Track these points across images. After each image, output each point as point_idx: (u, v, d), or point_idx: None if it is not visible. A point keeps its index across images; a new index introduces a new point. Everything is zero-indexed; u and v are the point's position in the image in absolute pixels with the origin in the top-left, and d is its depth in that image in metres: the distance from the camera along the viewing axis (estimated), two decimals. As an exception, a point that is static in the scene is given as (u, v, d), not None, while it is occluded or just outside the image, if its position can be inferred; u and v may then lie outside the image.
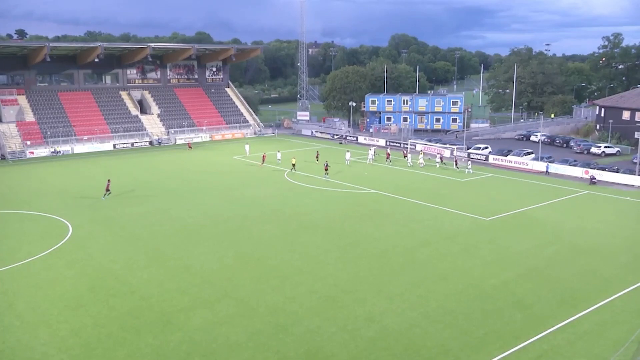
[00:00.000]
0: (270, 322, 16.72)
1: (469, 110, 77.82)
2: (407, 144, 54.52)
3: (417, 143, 52.13)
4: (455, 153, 46.62)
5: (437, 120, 71.05)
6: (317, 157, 47.87)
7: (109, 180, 34.67)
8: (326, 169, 40.83)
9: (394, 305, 17.98)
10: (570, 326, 16.34)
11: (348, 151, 46.95)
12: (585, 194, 34.39)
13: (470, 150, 51.17)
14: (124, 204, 32.16)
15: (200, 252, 23.20)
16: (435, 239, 25.07)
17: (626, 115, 56.00)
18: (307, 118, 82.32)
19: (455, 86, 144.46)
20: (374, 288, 19.48)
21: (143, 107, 68.35)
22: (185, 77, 74.44)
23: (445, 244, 24.35)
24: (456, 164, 43.87)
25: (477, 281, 20.19)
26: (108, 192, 33.40)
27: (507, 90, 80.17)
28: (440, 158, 44.51)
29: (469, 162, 42.56)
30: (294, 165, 40.60)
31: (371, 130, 69.73)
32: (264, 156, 45.54)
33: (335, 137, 66.63)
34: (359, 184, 37.72)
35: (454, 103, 70.49)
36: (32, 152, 52.23)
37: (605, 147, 50.98)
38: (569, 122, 68.02)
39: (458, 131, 66.90)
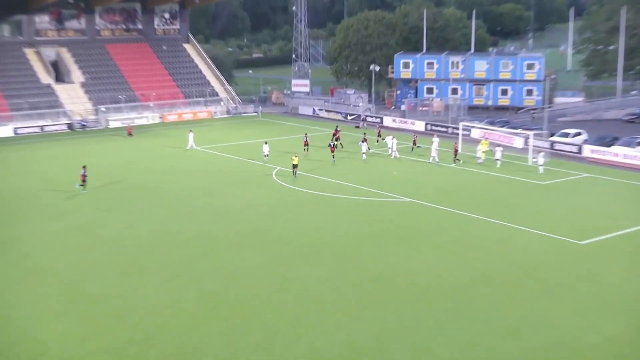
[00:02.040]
0: (250, 399, 16.73)
1: (553, 77, 77.69)
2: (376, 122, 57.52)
3: (473, 127, 52.06)
4: (433, 141, 45.94)
5: (504, 92, 71.17)
6: (336, 137, 49.27)
7: (84, 168, 36.74)
8: (332, 150, 45.12)
9: (440, 375, 18.01)
10: None
11: (364, 141, 46.91)
12: None
13: (554, 138, 50.85)
14: (30, 219, 32.23)
15: (145, 292, 23.18)
16: (502, 272, 24.98)
17: None
18: (307, 89, 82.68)
19: (531, 41, 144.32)
20: (406, 347, 19.36)
21: (59, 73, 68.79)
22: (123, 27, 74.92)
23: (517, 280, 24.25)
24: (455, 154, 44.21)
25: (567, 337, 19.96)
26: (84, 183, 36.40)
27: (612, 47, 79.61)
28: (455, 152, 44.56)
29: (541, 153, 42.49)
30: (295, 166, 40.57)
31: (403, 107, 69.99)
32: (306, 141, 47.33)
33: (349, 117, 66.88)
34: (385, 188, 37.83)
35: (530, 67, 70.53)
36: None
37: None
38: None
39: (535, 109, 66.88)
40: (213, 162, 46.36)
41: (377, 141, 50.99)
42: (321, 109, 70.52)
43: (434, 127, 58.48)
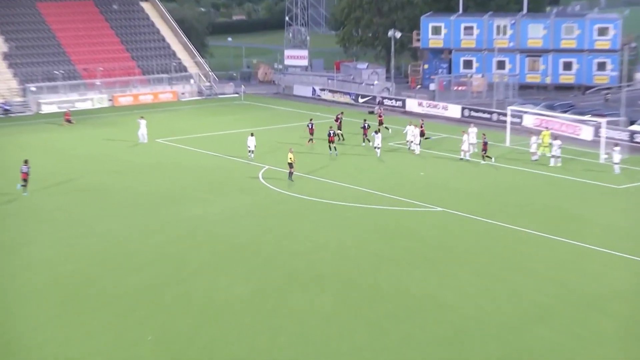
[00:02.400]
0: None
1: (633, 46, 77.15)
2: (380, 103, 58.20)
3: (526, 113, 51.91)
4: (469, 132, 46.09)
5: (567, 66, 70.88)
6: (337, 125, 50.37)
7: (26, 163, 37.63)
8: (331, 140, 46.26)
9: None
10: None
11: (378, 131, 46.90)
12: None
13: (635, 127, 50.49)
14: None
15: (89, 334, 22.93)
16: (566, 306, 24.76)
17: None
18: (305, 63, 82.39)
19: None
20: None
21: (-25, 41, 68.49)
22: (61, -21, 74.68)
23: (585, 317, 24.02)
24: (485, 150, 44.10)
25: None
26: (25, 183, 37.56)
27: None
28: (485, 146, 44.27)
29: (617, 148, 42.49)
30: (291, 164, 40.44)
31: (432, 86, 69.85)
32: (311, 129, 48.80)
33: (361, 100, 66.67)
34: (407, 193, 37.89)
35: (602, 32, 70.11)
36: None
37: None
38: None
39: (610, 88, 66.47)
40: (180, 160, 46.27)
41: (378, 130, 50.07)
42: (324, 89, 70.48)
43: (473, 113, 58.25)
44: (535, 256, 29.25)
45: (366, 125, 48.83)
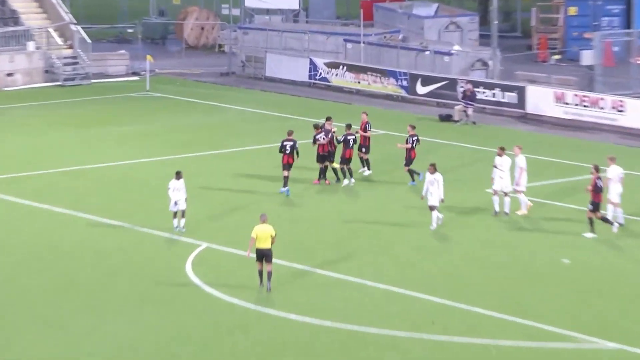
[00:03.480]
0: None
1: None
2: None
3: None
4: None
5: None
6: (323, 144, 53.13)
7: None
8: (286, 162, 53.68)
9: None
10: None
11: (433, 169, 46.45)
12: None
13: None
14: None
15: None
16: None
17: None
18: (295, 4, 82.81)
19: None
20: None
21: None
22: None
23: None
24: (595, 206, 47.46)
25: None
26: None
27: None
28: (596, 194, 46.16)
29: None
30: (266, 253, 40.04)
31: (587, 57, 70.35)
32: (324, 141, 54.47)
33: (422, 88, 66.79)
34: (535, 311, 38.13)
35: None
36: None
37: None
38: None
39: None
40: (5, 229, 46.70)
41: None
42: (335, 65, 71.24)
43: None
44: None
45: (351, 139, 50.86)
